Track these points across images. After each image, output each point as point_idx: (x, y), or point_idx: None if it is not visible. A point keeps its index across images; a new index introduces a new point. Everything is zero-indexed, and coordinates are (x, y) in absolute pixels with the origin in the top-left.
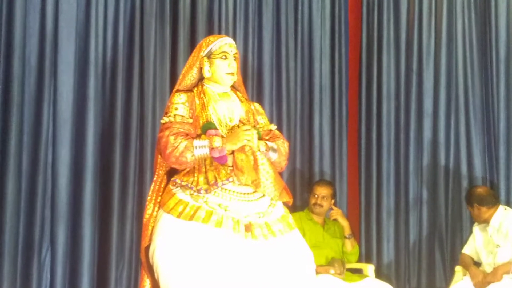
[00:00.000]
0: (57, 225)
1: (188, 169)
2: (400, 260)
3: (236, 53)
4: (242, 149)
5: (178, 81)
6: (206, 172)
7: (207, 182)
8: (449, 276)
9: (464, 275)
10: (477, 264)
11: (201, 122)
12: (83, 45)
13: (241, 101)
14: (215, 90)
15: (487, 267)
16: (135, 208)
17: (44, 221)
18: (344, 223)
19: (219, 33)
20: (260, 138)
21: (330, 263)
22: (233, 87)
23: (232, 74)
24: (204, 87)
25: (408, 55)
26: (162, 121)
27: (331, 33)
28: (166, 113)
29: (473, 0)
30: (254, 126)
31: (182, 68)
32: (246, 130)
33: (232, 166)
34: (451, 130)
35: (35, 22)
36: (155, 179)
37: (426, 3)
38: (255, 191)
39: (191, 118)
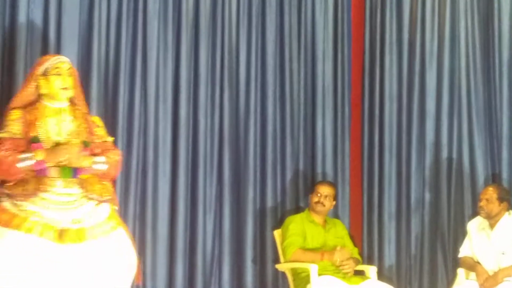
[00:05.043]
0: None
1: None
2: (401, 262)
3: (70, 69)
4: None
5: (15, 100)
6: (27, 182)
7: (26, 191)
8: (451, 278)
9: (467, 278)
10: None
11: (31, 136)
12: (86, 46)
13: (74, 117)
14: (51, 106)
15: (490, 273)
16: (137, 208)
17: None
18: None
19: (222, 35)
20: (87, 147)
21: (336, 251)
22: (73, 103)
23: (66, 89)
24: (41, 103)
25: (410, 57)
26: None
27: (334, 34)
28: (2, 128)
29: (476, 1)
30: (83, 141)
31: (185, 70)
32: (65, 148)
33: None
34: (454, 131)
35: (38, 23)
36: None
37: (429, 5)
38: (76, 200)
39: (23, 133)
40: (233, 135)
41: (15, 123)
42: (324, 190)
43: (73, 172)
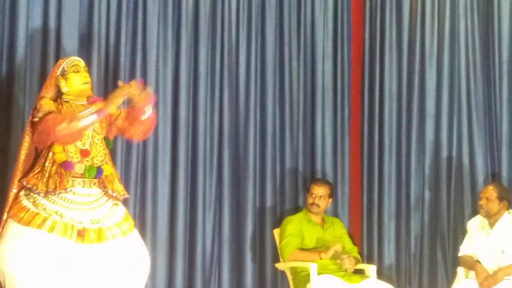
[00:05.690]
0: None
1: (37, 170)
2: (401, 261)
3: (85, 67)
4: None
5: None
6: (48, 177)
7: (47, 188)
8: (450, 277)
9: (466, 277)
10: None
11: None
12: (86, 45)
13: None
14: (75, 102)
15: (490, 272)
16: (136, 208)
17: None
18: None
19: (222, 34)
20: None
21: (330, 245)
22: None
23: (87, 83)
24: (63, 101)
25: (410, 56)
26: (36, 119)
27: (333, 34)
28: (38, 112)
29: (476, 1)
30: (105, 137)
31: (185, 69)
32: (121, 88)
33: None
34: (453, 131)
35: (38, 22)
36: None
37: (429, 5)
38: (95, 200)
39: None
40: (232, 135)
41: (51, 104)
42: (318, 191)
43: (98, 171)
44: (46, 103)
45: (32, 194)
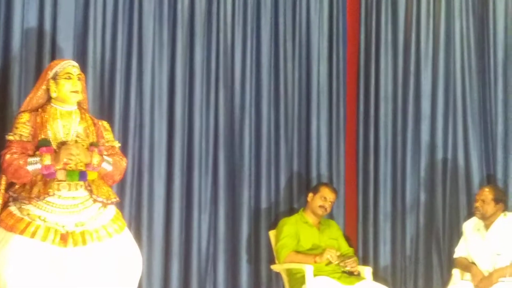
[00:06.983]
0: None
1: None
2: (397, 263)
3: (80, 74)
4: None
5: (25, 103)
6: (33, 185)
7: (30, 194)
8: (446, 279)
9: (462, 278)
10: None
11: (39, 138)
12: (81, 46)
13: (81, 118)
14: (61, 109)
15: (485, 274)
16: (132, 210)
17: None
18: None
19: (218, 34)
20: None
21: (325, 251)
22: (82, 108)
23: (76, 92)
24: (50, 106)
25: (406, 57)
26: (8, 138)
27: (329, 35)
28: (10, 132)
29: (471, 2)
30: (91, 142)
31: (180, 70)
32: (66, 149)
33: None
34: (449, 132)
35: (33, 23)
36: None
37: (424, 6)
38: (80, 203)
39: (31, 136)
40: (228, 136)
41: (23, 126)
42: (332, 197)
43: (80, 175)
44: (16, 126)
45: (19, 200)
